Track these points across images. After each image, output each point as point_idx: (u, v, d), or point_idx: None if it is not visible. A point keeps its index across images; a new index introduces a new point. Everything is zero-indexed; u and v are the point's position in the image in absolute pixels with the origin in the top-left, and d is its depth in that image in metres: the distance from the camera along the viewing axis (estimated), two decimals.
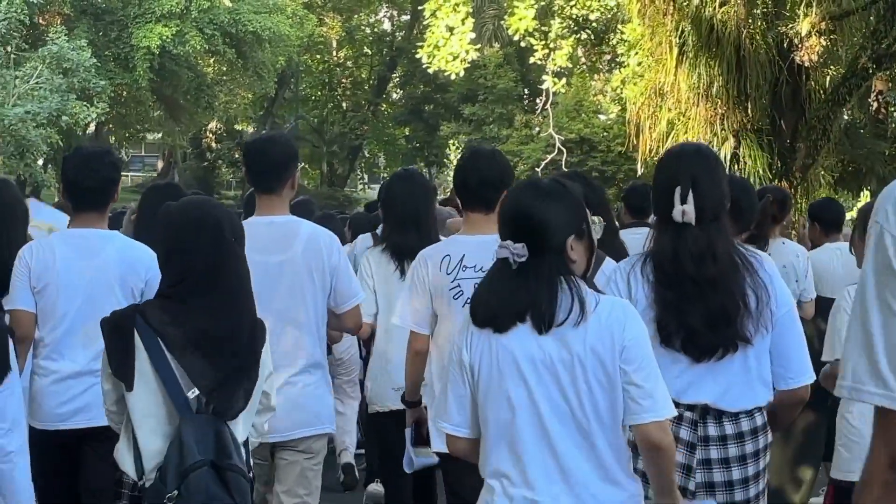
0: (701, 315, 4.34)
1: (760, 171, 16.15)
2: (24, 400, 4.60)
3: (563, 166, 29.47)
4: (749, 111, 16.55)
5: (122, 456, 4.25)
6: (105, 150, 6.01)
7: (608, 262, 5.77)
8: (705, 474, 4.38)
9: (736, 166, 16.18)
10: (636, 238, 7.85)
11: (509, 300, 3.67)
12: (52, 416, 5.52)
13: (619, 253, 6.33)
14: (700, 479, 4.37)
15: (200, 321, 4.18)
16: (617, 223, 7.39)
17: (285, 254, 5.71)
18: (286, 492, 5.86)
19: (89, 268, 5.56)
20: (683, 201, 4.37)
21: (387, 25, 53.12)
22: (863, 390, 2.24)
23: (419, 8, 35.50)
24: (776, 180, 16.12)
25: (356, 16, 50.73)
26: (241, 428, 4.29)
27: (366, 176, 60.66)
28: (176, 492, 3.97)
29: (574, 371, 3.62)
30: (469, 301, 3.94)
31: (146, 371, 4.14)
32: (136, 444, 4.17)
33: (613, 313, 3.68)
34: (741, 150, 16.44)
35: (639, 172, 21.62)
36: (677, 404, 4.16)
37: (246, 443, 4.35)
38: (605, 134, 32.83)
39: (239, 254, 4.34)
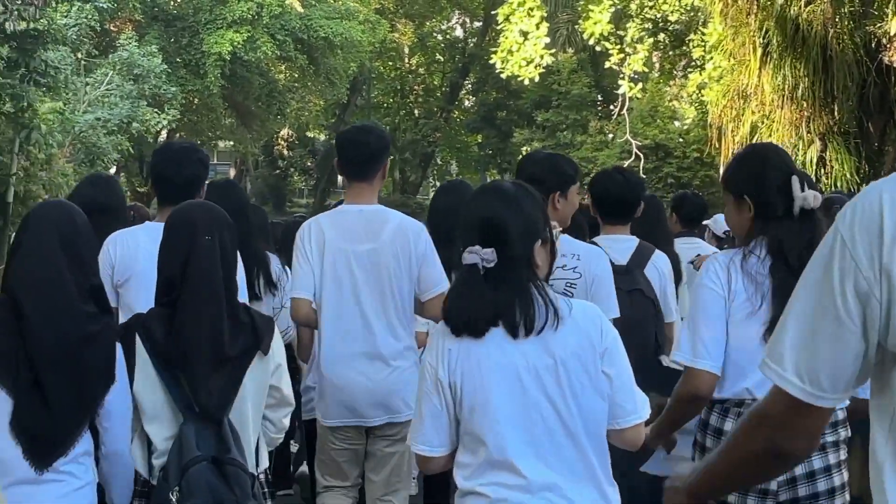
0: None
1: (848, 176, 15.78)
2: None
3: (640, 172, 29.03)
4: (836, 113, 16.15)
5: (134, 453, 4.39)
6: (193, 147, 6.18)
7: (658, 255, 6.26)
8: (789, 492, 4.29)
9: (822, 170, 15.84)
10: (688, 248, 8.20)
11: (481, 306, 3.65)
12: None
13: (671, 259, 6.63)
14: (784, 498, 4.30)
15: (188, 328, 4.30)
16: None
17: (374, 242, 5.94)
18: (382, 481, 6.15)
19: None
20: (803, 189, 4.37)
21: (459, 32, 53.09)
22: (766, 364, 2.40)
23: (492, 13, 35.20)
24: (864, 185, 15.50)
25: (428, 22, 50.68)
26: (252, 425, 4.46)
27: (438, 183, 60.44)
28: (178, 487, 4.12)
29: (558, 376, 3.63)
30: None
31: (151, 375, 4.30)
32: (147, 442, 4.36)
33: (588, 316, 3.73)
34: (828, 153, 16.07)
35: (719, 177, 21.12)
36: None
37: (258, 441, 4.55)
38: (681, 140, 32.31)
39: (211, 255, 4.39)
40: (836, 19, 16.10)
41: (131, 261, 5.61)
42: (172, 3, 34.37)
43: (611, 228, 6.29)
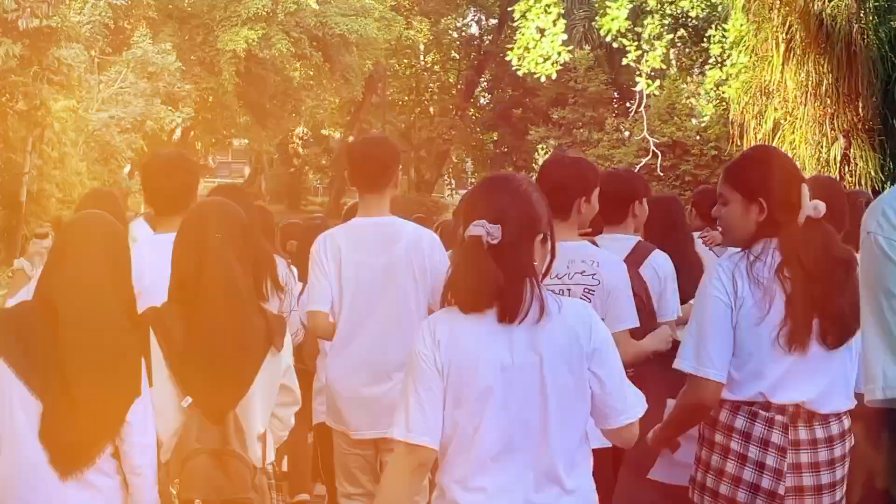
0: (840, 305, 4.32)
1: (872, 173, 15.65)
2: None
3: (658, 170, 28.86)
4: (860, 110, 15.99)
5: None
6: (180, 156, 6.28)
7: (657, 254, 6.17)
8: (795, 478, 4.36)
9: (846, 167, 15.68)
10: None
11: (485, 280, 3.64)
12: None
13: (694, 264, 6.77)
14: (790, 483, 4.35)
15: (200, 324, 4.35)
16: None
17: (389, 255, 5.97)
18: None
19: None
20: (811, 197, 4.42)
21: (474, 29, 52.96)
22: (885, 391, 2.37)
23: (508, 10, 35.07)
24: (888, 182, 15.67)
25: (443, 19, 50.51)
26: (260, 420, 4.49)
27: (453, 181, 60.37)
28: (178, 480, 4.25)
29: (543, 374, 3.64)
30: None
31: (163, 372, 4.34)
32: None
33: (578, 315, 3.75)
34: (852, 150, 15.90)
35: None
36: (768, 406, 4.37)
37: (264, 435, 4.57)
38: (699, 137, 32.15)
39: (223, 251, 4.43)
40: (861, 14, 15.98)
41: (140, 278, 5.45)
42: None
43: (609, 228, 6.33)
